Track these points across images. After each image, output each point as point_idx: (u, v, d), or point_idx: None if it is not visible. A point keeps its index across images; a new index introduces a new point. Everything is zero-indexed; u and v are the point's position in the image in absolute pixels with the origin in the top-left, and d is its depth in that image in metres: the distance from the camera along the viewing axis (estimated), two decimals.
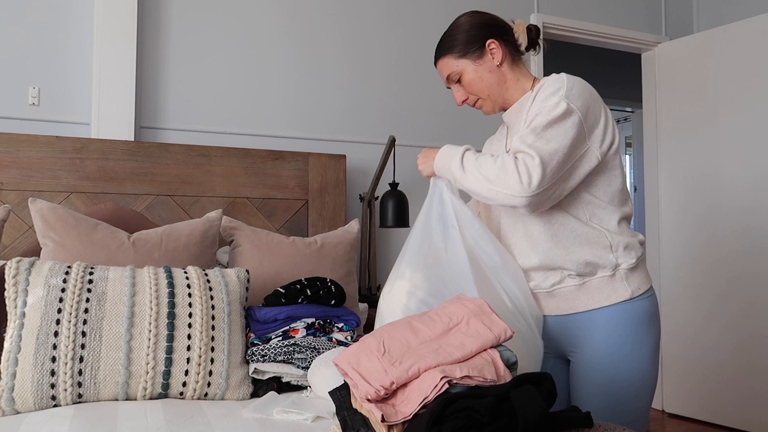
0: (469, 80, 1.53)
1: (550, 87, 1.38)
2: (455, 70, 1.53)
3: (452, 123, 3.22)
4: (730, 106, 3.36)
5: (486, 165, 1.36)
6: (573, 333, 1.46)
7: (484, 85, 1.52)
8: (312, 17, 2.95)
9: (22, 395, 1.42)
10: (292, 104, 2.90)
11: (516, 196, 1.31)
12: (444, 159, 1.44)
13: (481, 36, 1.51)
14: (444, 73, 1.57)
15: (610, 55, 4.39)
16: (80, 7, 2.54)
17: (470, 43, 1.51)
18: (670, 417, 3.56)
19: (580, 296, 1.44)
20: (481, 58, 1.51)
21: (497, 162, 1.34)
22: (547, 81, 1.42)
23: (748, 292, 3.26)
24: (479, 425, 0.94)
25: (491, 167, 1.34)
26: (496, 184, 1.33)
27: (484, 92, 1.53)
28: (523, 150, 1.32)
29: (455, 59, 1.53)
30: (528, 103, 1.46)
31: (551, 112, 1.34)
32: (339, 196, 2.80)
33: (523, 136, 1.34)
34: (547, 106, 1.35)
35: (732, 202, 3.34)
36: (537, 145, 1.32)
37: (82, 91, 2.53)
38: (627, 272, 1.42)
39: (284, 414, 1.40)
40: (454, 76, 1.54)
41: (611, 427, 1.12)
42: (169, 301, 1.60)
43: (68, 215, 1.93)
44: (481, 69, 1.51)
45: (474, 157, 1.40)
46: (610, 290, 1.42)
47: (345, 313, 1.87)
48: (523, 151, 1.32)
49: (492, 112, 1.58)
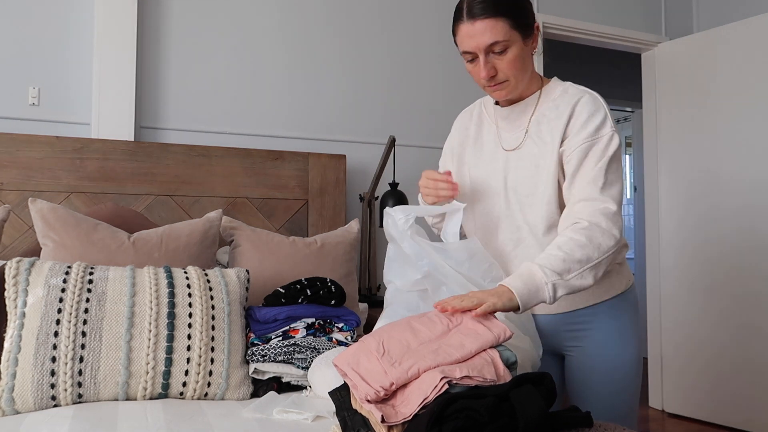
0: (513, 57, 1.33)
1: (596, 116, 1.35)
2: (505, 39, 1.30)
3: (452, 123, 3.22)
4: (730, 105, 3.36)
5: (579, 254, 1.25)
6: (573, 328, 1.47)
7: (523, 68, 1.36)
8: (312, 18, 2.95)
9: (22, 395, 1.42)
10: (292, 104, 2.90)
11: (615, 246, 1.31)
12: (529, 296, 1.23)
13: (532, 14, 1.36)
14: (485, 38, 1.30)
15: (610, 55, 4.38)
16: (80, 8, 2.54)
17: (526, 16, 1.34)
18: (670, 417, 3.56)
19: (581, 293, 1.44)
20: (529, 37, 1.36)
21: (585, 241, 1.26)
22: (583, 102, 1.37)
23: (749, 292, 3.26)
24: (479, 425, 0.94)
25: (586, 250, 1.26)
26: (600, 256, 1.28)
27: (518, 76, 1.36)
28: (599, 200, 1.31)
29: (510, 27, 1.30)
30: (533, 106, 1.43)
31: (609, 147, 1.34)
32: (339, 196, 2.80)
33: (595, 179, 1.32)
34: (603, 139, 1.34)
35: (732, 201, 3.34)
36: (612, 193, 1.33)
37: (82, 91, 2.53)
38: (619, 267, 1.47)
39: (284, 414, 1.41)
40: (499, 46, 1.31)
41: (611, 426, 1.12)
42: (169, 301, 1.60)
43: (68, 215, 1.93)
44: (526, 50, 1.35)
45: (561, 268, 1.23)
46: (608, 284, 1.45)
47: (345, 313, 1.87)
48: (599, 201, 1.31)
49: (508, 97, 1.42)
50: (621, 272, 1.48)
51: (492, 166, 1.49)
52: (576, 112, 1.38)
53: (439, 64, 3.21)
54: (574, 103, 1.39)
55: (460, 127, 1.61)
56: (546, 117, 1.42)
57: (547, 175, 1.40)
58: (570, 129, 1.38)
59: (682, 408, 3.53)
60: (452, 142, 1.63)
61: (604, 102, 1.41)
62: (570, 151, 1.37)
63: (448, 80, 3.22)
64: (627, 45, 3.75)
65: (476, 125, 1.56)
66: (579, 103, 1.38)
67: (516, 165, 1.45)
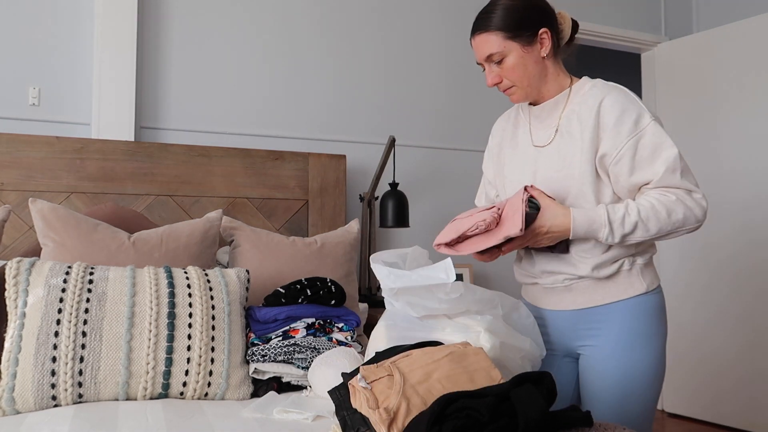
0: (512, 65, 1.41)
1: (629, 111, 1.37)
2: (500, 51, 1.40)
3: (452, 123, 3.23)
4: (730, 105, 3.36)
5: (663, 211, 1.35)
6: (588, 326, 1.47)
7: (526, 74, 1.43)
8: (312, 17, 2.95)
9: (23, 395, 1.42)
10: (291, 104, 2.90)
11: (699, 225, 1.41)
12: (587, 228, 1.36)
13: (536, 21, 1.41)
14: (484, 50, 1.43)
15: (610, 55, 4.39)
16: (80, 7, 2.54)
17: (524, 26, 1.40)
18: (671, 417, 3.56)
19: (597, 290, 1.44)
20: (530, 45, 1.41)
21: (673, 206, 1.36)
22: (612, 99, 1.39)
23: (750, 292, 3.26)
24: (479, 425, 0.94)
25: (673, 208, 1.35)
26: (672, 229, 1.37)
27: (523, 81, 1.44)
28: (683, 188, 1.37)
29: (503, 39, 1.40)
30: (563, 104, 1.44)
31: (657, 135, 1.36)
32: (339, 196, 2.80)
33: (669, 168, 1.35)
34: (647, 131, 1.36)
35: (731, 201, 3.34)
36: (690, 179, 1.38)
37: (82, 91, 2.54)
38: (642, 267, 1.45)
39: (284, 414, 1.41)
40: (496, 56, 1.41)
41: (611, 426, 1.12)
42: (169, 301, 1.60)
43: (68, 215, 1.93)
44: (528, 57, 1.41)
45: (635, 210, 1.35)
46: (627, 284, 1.44)
47: (345, 313, 1.87)
48: (685, 189, 1.37)
49: (521, 101, 1.49)
50: (644, 273, 1.45)
51: (523, 163, 1.51)
52: (605, 110, 1.38)
53: (440, 63, 3.21)
54: (602, 99, 1.40)
55: (499, 129, 1.65)
56: (575, 113, 1.43)
57: (579, 171, 1.41)
58: (603, 128, 1.38)
59: (682, 408, 3.53)
60: (492, 144, 1.67)
61: (635, 96, 1.41)
62: (616, 152, 1.37)
63: (448, 80, 3.22)
64: (627, 45, 3.75)
65: (513, 126, 1.60)
66: (607, 100, 1.39)
67: (545, 161, 1.46)
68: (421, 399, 1.08)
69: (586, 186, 1.40)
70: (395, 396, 1.08)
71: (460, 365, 1.17)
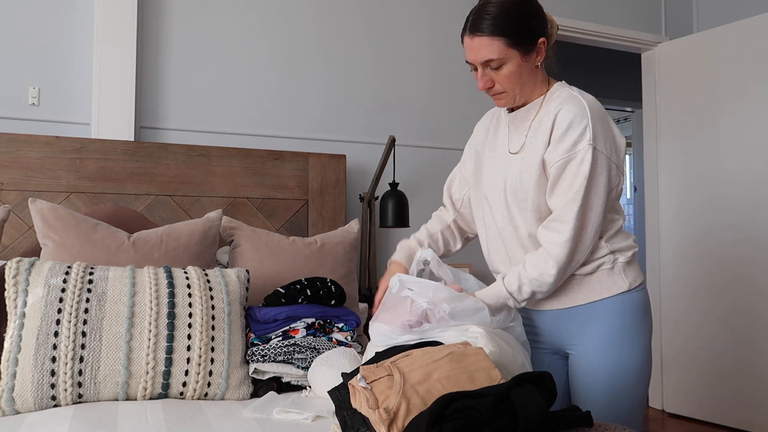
0: (508, 73, 1.38)
1: (574, 128, 1.34)
2: (499, 57, 1.35)
3: (452, 123, 3.22)
4: (730, 105, 3.36)
5: (531, 274, 1.39)
6: (574, 325, 1.48)
7: (519, 81, 1.40)
8: (312, 17, 2.95)
9: (22, 395, 1.42)
10: (291, 104, 2.90)
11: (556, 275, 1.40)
12: (495, 302, 1.43)
13: (537, 30, 1.38)
14: (482, 54, 1.36)
15: (610, 55, 4.38)
16: (80, 7, 2.54)
17: (526, 34, 1.36)
18: (670, 417, 3.56)
19: (581, 289, 1.45)
20: (529, 54, 1.38)
21: (537, 266, 1.39)
22: (565, 111, 1.36)
23: (749, 292, 3.26)
24: (479, 425, 0.94)
25: (535, 270, 1.39)
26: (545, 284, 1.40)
27: (516, 88, 1.41)
28: (556, 230, 1.37)
29: (505, 47, 1.34)
30: (534, 111, 1.44)
31: (583, 165, 1.33)
32: (339, 196, 2.80)
33: (572, 199, 1.34)
34: (578, 155, 1.33)
35: (731, 201, 3.34)
36: (581, 216, 1.35)
37: (82, 91, 2.53)
38: (624, 265, 1.46)
39: (284, 414, 1.41)
40: (494, 63, 1.36)
41: (611, 426, 1.12)
42: (169, 301, 1.60)
43: (68, 215, 1.93)
44: (525, 66, 1.38)
45: (517, 285, 1.41)
46: (610, 282, 1.45)
47: (345, 313, 1.87)
48: (556, 232, 1.37)
49: (506, 106, 1.48)
50: (626, 271, 1.46)
51: (497, 169, 1.51)
52: (557, 121, 1.37)
53: (440, 64, 3.20)
54: (559, 109, 1.38)
55: (483, 129, 1.64)
56: (541, 122, 1.42)
57: (535, 181, 1.41)
58: (552, 138, 1.38)
59: (682, 408, 3.53)
60: (474, 142, 1.66)
61: (595, 110, 1.37)
62: (550, 165, 1.38)
63: (448, 80, 3.22)
64: (627, 45, 3.75)
65: (494, 127, 1.59)
66: (562, 111, 1.37)
67: (513, 169, 1.46)
68: (421, 399, 1.08)
69: (541, 197, 1.41)
70: (395, 396, 1.08)
71: (460, 365, 1.17)
